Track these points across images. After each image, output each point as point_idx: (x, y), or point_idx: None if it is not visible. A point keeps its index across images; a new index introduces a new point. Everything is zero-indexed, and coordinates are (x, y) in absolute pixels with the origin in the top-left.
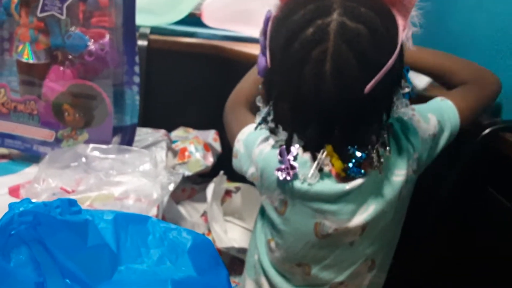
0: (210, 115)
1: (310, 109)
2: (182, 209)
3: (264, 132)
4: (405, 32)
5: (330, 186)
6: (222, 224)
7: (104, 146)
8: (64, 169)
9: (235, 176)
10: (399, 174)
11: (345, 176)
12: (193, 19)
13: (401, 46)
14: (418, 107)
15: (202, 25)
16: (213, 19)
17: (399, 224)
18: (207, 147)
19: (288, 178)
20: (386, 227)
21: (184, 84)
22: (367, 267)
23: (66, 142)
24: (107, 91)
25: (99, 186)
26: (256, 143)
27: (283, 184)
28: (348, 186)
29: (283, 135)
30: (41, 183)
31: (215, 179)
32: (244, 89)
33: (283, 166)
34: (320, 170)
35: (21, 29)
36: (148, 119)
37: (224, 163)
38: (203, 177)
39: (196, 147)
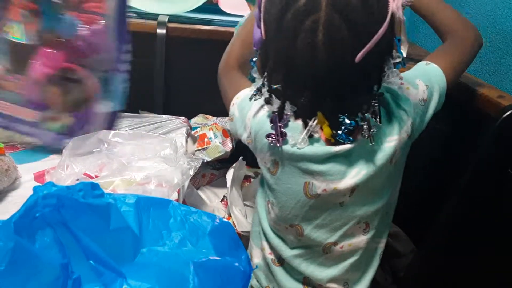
0: None
1: (303, 78)
2: (202, 194)
3: (260, 100)
4: (395, 2)
5: (317, 148)
6: (242, 209)
7: (125, 132)
8: (87, 155)
9: (254, 162)
10: (391, 141)
11: (334, 141)
12: (210, 6)
13: (392, 15)
14: (406, 74)
15: (219, 12)
16: (230, 6)
17: (395, 190)
18: (226, 133)
19: (278, 144)
20: (378, 191)
21: (202, 71)
22: (361, 230)
23: (51, 124)
24: (95, 76)
25: (121, 172)
26: (250, 108)
27: (273, 147)
28: (335, 149)
29: (276, 104)
30: (65, 169)
31: (234, 165)
32: (233, 52)
33: (273, 133)
34: (310, 136)
35: (13, 9)
36: (168, 106)
37: (243, 149)
38: (222, 163)
39: (215, 133)
